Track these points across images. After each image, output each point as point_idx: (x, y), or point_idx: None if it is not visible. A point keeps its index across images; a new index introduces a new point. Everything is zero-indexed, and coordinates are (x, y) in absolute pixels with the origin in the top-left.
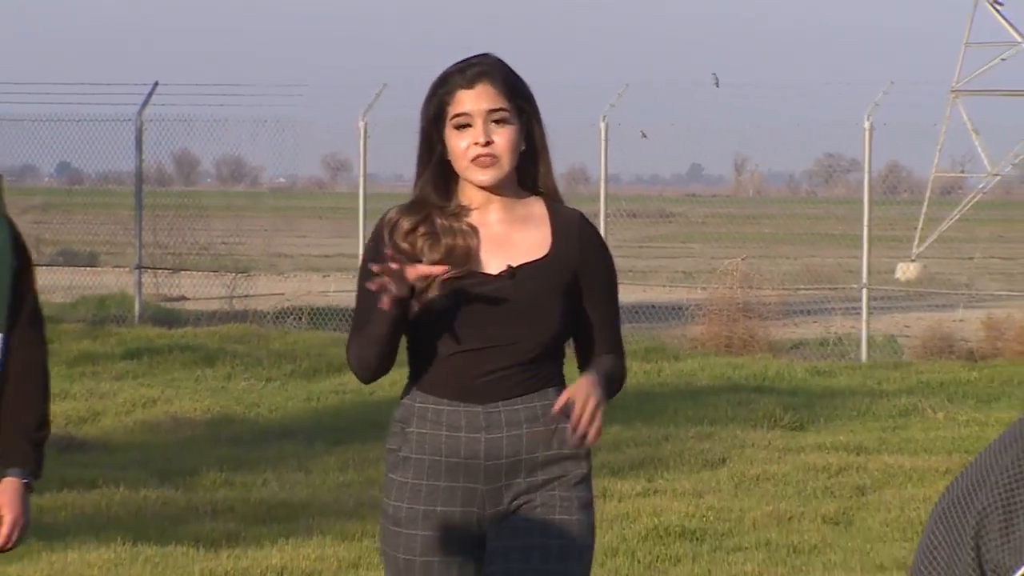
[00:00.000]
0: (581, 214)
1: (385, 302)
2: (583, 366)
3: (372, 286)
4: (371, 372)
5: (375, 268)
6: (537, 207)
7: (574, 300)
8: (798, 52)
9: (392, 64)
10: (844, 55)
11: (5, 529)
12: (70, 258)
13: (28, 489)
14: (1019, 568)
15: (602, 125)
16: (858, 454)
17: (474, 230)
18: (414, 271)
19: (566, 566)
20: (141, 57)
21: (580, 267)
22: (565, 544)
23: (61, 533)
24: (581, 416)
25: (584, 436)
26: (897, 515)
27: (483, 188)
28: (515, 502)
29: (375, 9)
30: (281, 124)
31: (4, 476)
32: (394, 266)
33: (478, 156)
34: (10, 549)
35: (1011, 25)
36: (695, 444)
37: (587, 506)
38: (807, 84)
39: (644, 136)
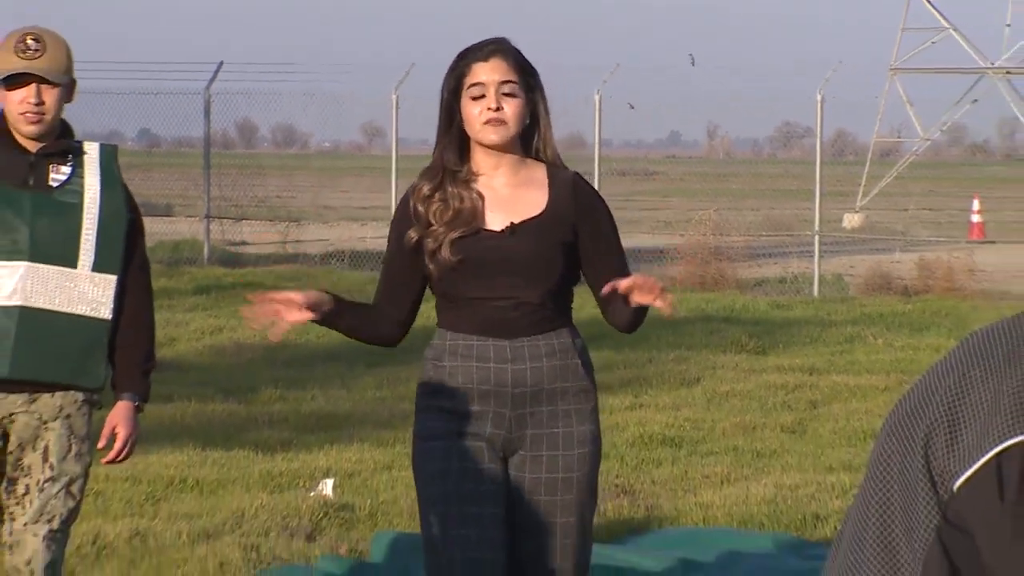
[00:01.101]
0: (576, 174)
1: (274, 334)
2: (606, 309)
3: (252, 324)
4: (380, 344)
5: (249, 311)
6: (538, 172)
7: (575, 251)
8: (762, 35)
9: (419, 45)
10: (800, 38)
11: (118, 444)
12: (149, 209)
13: (138, 410)
14: (963, 473)
15: (596, 98)
16: (811, 374)
17: (481, 195)
18: (286, 314)
19: (583, 497)
20: (209, 38)
21: (577, 220)
22: (583, 474)
23: (142, 439)
24: (650, 287)
25: (666, 299)
26: (844, 425)
27: (492, 149)
28: (538, 431)
29: None
30: (327, 97)
31: (118, 400)
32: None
33: (489, 120)
34: (124, 460)
35: (940, 13)
36: (674, 366)
37: (597, 438)
38: (769, 63)
39: (632, 107)
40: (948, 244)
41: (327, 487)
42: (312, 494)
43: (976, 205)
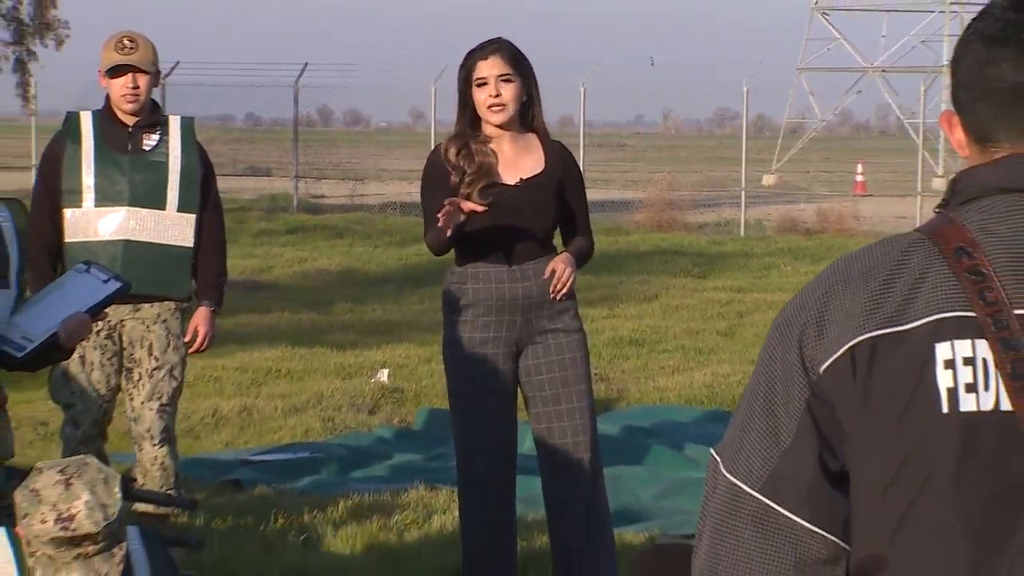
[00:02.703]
0: (561, 143)
1: (448, 228)
2: (566, 242)
3: (440, 219)
4: (442, 253)
5: (440, 214)
6: (533, 140)
7: (562, 198)
8: (704, 40)
9: (451, 48)
10: (732, 44)
11: (199, 339)
12: (254, 171)
13: (214, 314)
14: (827, 361)
15: (581, 90)
16: (739, 292)
17: (495, 154)
18: (466, 206)
19: (585, 371)
20: (298, 41)
21: (563, 177)
22: (582, 355)
23: (249, 340)
24: (560, 280)
25: (561, 291)
26: (763, 330)
27: (497, 127)
28: (542, 328)
29: (437, 10)
30: (383, 89)
31: (199, 306)
32: (451, 207)
33: (492, 104)
34: (204, 351)
35: (834, 28)
36: (638, 287)
37: (582, 328)
38: (709, 62)
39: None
40: (839, 198)
41: (383, 375)
42: (372, 380)
43: (859, 169)
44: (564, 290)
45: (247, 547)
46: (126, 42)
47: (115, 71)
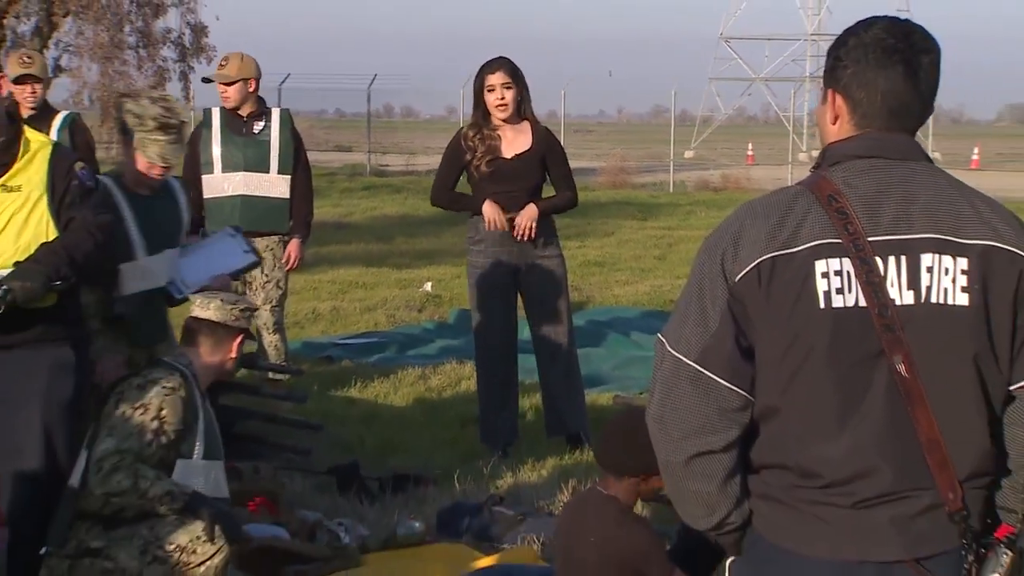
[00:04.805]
0: (547, 128)
1: (479, 213)
2: (556, 192)
3: (491, 216)
4: (440, 207)
5: (492, 215)
6: (526, 126)
7: (544, 167)
8: (646, 58)
9: (473, 63)
10: (666, 61)
11: (292, 260)
12: (340, 147)
13: (303, 243)
14: (740, 273)
15: (562, 92)
16: (669, 230)
17: (499, 137)
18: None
19: (564, 284)
20: (370, 57)
21: (547, 152)
22: (563, 272)
23: (335, 262)
24: (520, 227)
25: (522, 234)
26: (686, 256)
27: (501, 120)
28: (533, 253)
29: (470, 28)
30: (428, 91)
31: (292, 238)
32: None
33: (498, 105)
34: (296, 269)
35: (733, 50)
36: (600, 225)
37: (562, 254)
38: (649, 73)
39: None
40: (736, 166)
41: (428, 286)
42: (420, 290)
43: (750, 147)
44: (524, 233)
45: (336, 401)
46: (221, 62)
47: (209, 81)
